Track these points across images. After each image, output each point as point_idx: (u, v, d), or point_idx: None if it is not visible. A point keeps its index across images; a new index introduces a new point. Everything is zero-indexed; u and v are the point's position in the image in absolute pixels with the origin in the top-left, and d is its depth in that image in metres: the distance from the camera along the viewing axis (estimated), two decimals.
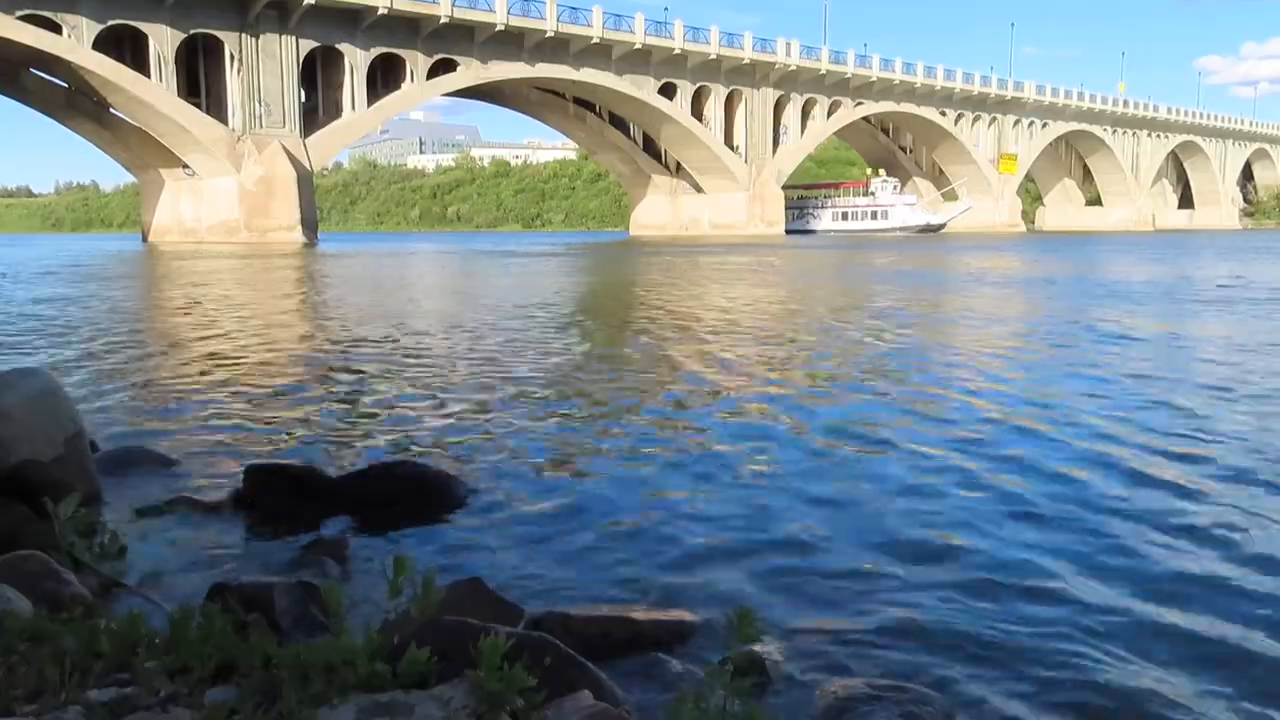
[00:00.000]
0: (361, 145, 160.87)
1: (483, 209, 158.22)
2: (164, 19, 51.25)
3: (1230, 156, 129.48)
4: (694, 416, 7.00)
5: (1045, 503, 4.75)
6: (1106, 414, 6.89)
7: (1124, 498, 4.82)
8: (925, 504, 4.75)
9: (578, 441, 6.19)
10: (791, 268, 31.54)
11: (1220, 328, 13.12)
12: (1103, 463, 5.51)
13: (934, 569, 3.84)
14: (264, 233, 54.31)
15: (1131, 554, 4.01)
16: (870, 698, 2.65)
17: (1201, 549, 4.07)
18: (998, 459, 5.62)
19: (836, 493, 4.95)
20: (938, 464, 5.52)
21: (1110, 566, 3.87)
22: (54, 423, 4.30)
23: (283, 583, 3.17)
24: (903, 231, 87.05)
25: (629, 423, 6.78)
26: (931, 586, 3.65)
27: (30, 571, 3.12)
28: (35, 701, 2.14)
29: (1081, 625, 3.29)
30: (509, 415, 6.98)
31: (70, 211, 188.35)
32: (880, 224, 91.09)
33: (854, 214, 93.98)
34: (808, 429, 6.51)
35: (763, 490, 4.99)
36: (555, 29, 63.68)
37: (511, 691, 2.07)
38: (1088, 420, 6.68)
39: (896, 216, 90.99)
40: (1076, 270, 28.64)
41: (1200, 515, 4.51)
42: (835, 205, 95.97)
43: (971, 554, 4.01)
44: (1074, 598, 3.53)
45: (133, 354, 10.78)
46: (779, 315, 15.88)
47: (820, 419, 6.88)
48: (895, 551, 4.04)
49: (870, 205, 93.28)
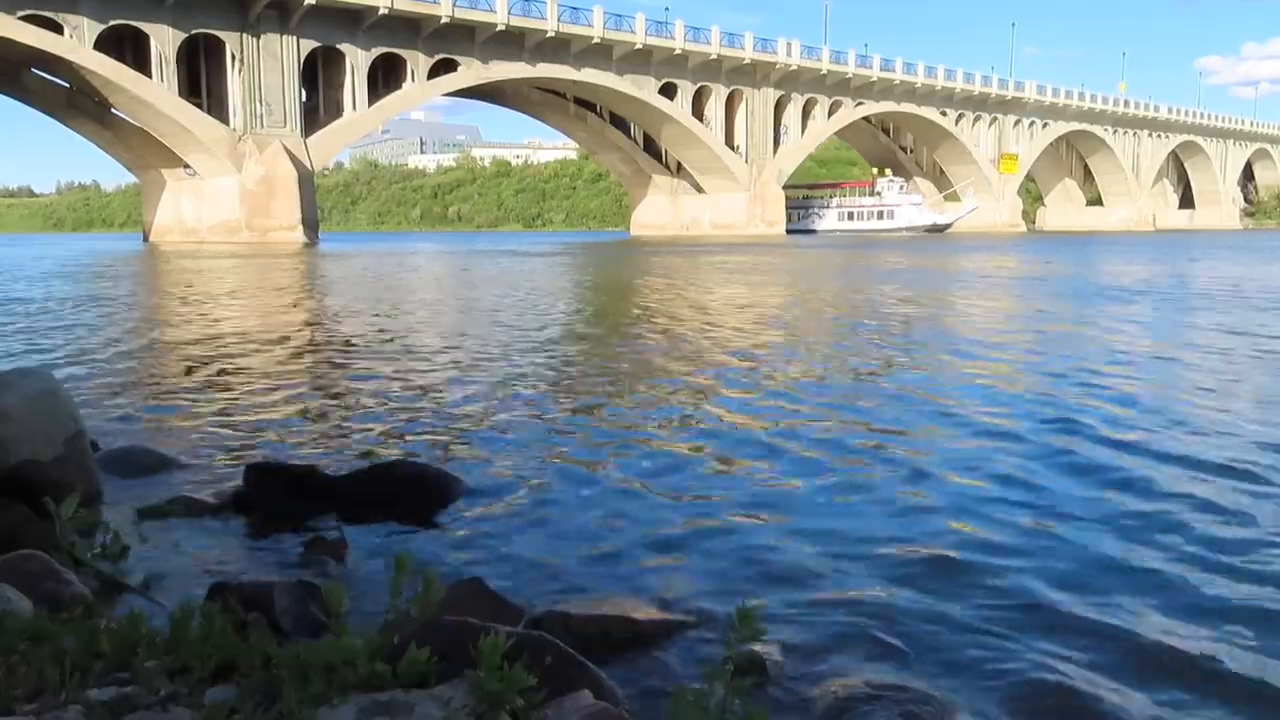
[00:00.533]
0: (362, 145, 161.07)
1: (484, 209, 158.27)
2: (165, 19, 51.30)
3: (1231, 156, 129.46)
4: (697, 416, 6.99)
5: (1056, 507, 4.75)
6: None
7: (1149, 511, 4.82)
8: (929, 504, 4.75)
9: (579, 441, 6.19)
10: (798, 268, 31.53)
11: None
12: (1132, 476, 5.50)
13: (938, 571, 3.83)
14: (265, 232, 54.36)
15: (1140, 558, 4.01)
16: (870, 697, 2.65)
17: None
18: (1014, 462, 5.61)
19: (842, 494, 4.95)
20: (945, 463, 5.52)
21: (1122, 568, 3.87)
22: (54, 422, 4.30)
23: (283, 582, 3.17)
24: (909, 231, 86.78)
25: (631, 422, 6.78)
26: (936, 587, 3.64)
27: (31, 571, 3.12)
28: (35, 701, 2.14)
29: (1088, 632, 3.29)
30: (510, 415, 6.98)
31: (71, 211, 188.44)
32: (886, 224, 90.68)
33: (860, 214, 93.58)
34: (813, 430, 6.51)
35: (766, 491, 4.99)
36: (556, 29, 63.71)
37: (512, 691, 2.07)
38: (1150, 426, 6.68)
39: (903, 216, 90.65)
40: (1123, 270, 28.61)
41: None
42: (841, 205, 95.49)
43: (978, 557, 4.00)
44: (1081, 602, 3.53)
45: (133, 354, 10.79)
46: (785, 317, 15.87)
47: (827, 421, 6.88)
48: (900, 552, 4.03)
49: (876, 205, 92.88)
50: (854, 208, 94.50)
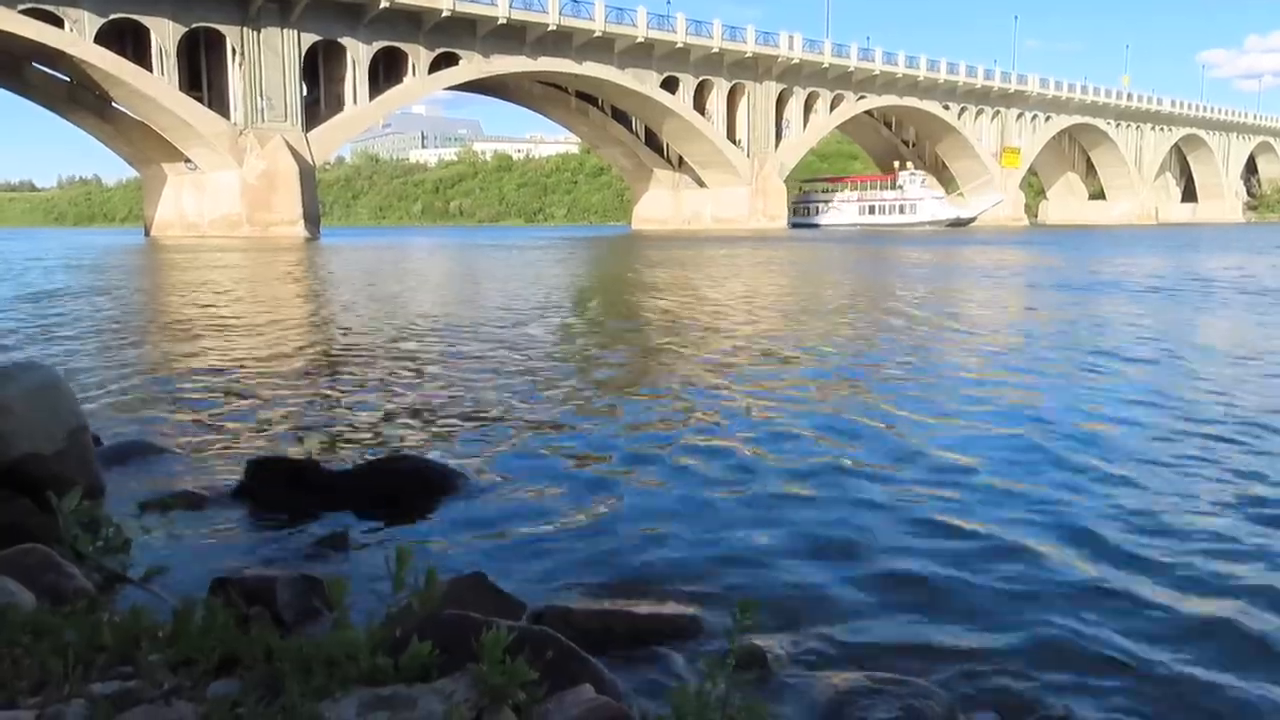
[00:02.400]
0: (364, 139, 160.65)
1: (485, 203, 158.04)
2: (165, 12, 51.21)
3: (1234, 150, 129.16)
4: (701, 411, 6.99)
5: (1069, 498, 4.75)
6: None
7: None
8: (935, 507, 4.75)
9: (581, 436, 6.19)
10: (816, 263, 31.47)
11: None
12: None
13: (940, 565, 3.83)
14: (266, 227, 54.32)
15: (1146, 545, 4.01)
16: (871, 691, 2.65)
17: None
18: (1022, 456, 5.61)
19: (844, 490, 4.95)
20: (953, 466, 5.52)
21: (1135, 557, 3.88)
22: (56, 416, 4.30)
23: (285, 576, 3.17)
24: (932, 226, 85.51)
25: (634, 417, 6.78)
26: (939, 582, 3.65)
27: (33, 565, 3.12)
28: (38, 694, 2.14)
29: (1097, 621, 3.29)
30: (512, 409, 6.98)
31: (73, 206, 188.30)
32: (909, 218, 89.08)
33: (881, 208, 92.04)
34: (819, 428, 6.50)
35: (768, 486, 4.99)
36: (557, 22, 63.57)
37: (513, 685, 2.07)
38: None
39: (925, 210, 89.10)
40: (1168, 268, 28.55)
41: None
42: (862, 199, 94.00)
43: (981, 550, 4.01)
44: (1093, 593, 3.53)
45: (135, 347, 10.80)
46: (793, 317, 15.86)
47: (831, 419, 6.88)
48: (901, 547, 4.04)
49: (898, 199, 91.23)
50: (875, 201, 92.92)
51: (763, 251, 38.18)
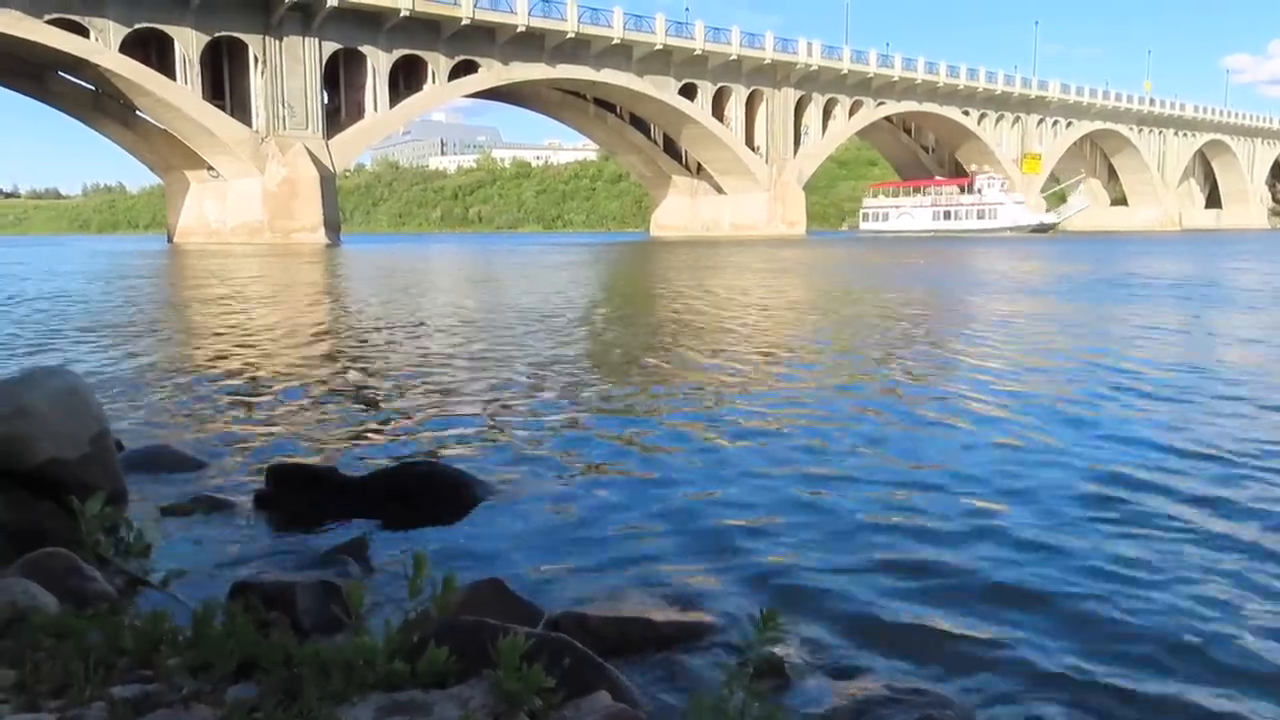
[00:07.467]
0: (384, 146, 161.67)
1: (503, 210, 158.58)
2: (189, 22, 51.80)
3: (1259, 155, 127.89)
4: (717, 417, 6.97)
5: (1093, 515, 4.70)
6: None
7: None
8: (947, 508, 4.71)
9: (598, 441, 6.19)
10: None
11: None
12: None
13: (958, 574, 3.80)
14: (287, 234, 54.76)
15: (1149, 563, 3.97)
16: (889, 700, 2.63)
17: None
18: (1050, 461, 5.57)
19: (858, 494, 4.92)
20: (966, 469, 5.48)
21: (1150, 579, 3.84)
22: (79, 421, 4.34)
23: (304, 581, 3.19)
24: (1014, 231, 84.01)
25: (651, 423, 6.77)
26: (957, 590, 3.62)
27: (56, 569, 3.15)
28: (60, 697, 2.16)
29: (1111, 636, 3.26)
30: (529, 415, 6.99)
31: (97, 213, 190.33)
32: (989, 223, 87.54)
33: (957, 213, 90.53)
34: (832, 432, 6.47)
35: (784, 492, 4.96)
36: (576, 30, 63.79)
37: (530, 691, 2.07)
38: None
39: (1006, 215, 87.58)
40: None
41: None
42: (936, 203, 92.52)
43: (1001, 560, 3.97)
44: (1106, 606, 3.50)
45: (157, 353, 10.89)
46: (810, 312, 15.80)
47: (848, 424, 6.84)
48: (920, 554, 4.01)
49: (977, 203, 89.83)
50: (951, 206, 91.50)
51: (816, 251, 38.06)
